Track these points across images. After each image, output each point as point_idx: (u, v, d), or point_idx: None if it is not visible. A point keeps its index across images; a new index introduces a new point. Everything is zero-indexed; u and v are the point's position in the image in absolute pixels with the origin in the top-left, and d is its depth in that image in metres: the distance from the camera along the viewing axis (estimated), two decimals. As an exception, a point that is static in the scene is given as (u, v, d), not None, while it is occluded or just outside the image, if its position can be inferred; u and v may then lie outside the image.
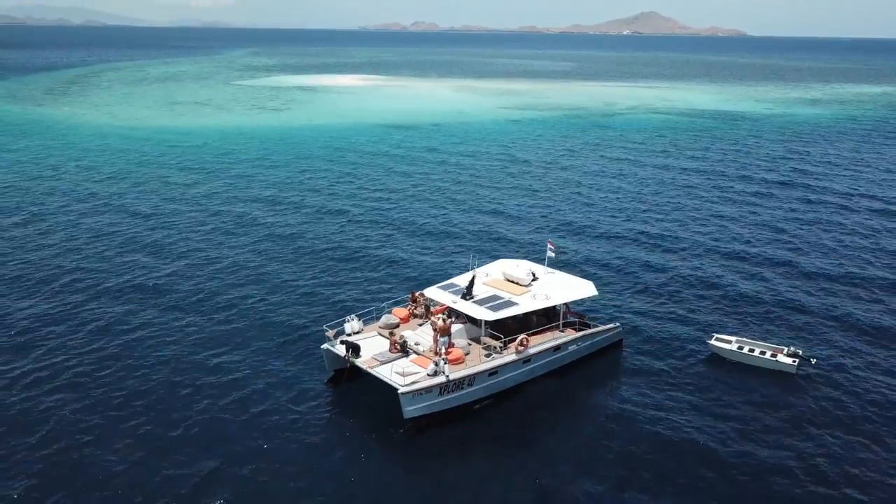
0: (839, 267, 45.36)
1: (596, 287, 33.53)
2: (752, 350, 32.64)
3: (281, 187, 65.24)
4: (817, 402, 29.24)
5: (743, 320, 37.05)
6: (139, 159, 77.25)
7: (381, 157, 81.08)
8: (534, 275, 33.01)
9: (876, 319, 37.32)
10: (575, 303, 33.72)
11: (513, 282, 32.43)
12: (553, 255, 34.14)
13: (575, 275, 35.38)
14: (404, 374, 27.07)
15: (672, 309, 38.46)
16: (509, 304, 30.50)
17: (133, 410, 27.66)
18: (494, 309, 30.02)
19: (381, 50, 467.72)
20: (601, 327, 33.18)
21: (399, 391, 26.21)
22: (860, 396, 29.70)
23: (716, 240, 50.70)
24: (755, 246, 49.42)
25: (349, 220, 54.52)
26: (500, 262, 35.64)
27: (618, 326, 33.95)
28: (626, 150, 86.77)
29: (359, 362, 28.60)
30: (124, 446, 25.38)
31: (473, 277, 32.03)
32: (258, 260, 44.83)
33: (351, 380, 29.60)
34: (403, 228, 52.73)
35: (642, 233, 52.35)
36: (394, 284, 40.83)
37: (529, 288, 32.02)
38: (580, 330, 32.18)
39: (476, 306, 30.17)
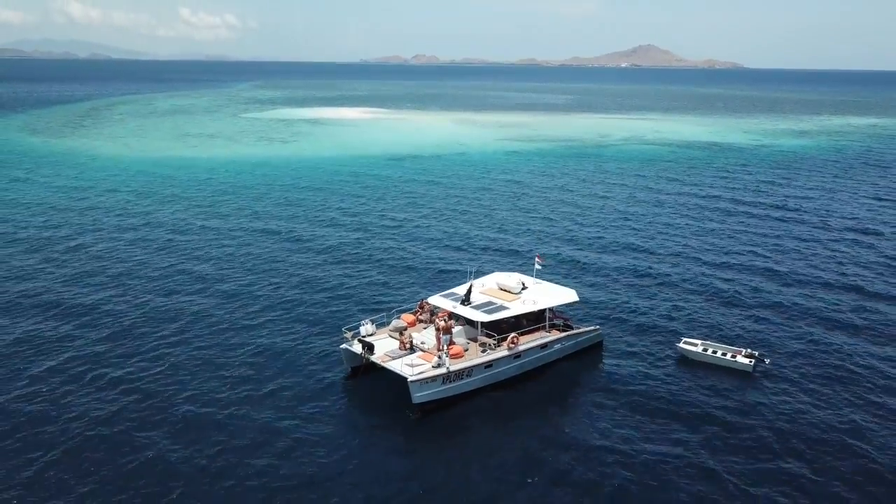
0: (798, 280, 50.14)
1: (578, 294, 38.45)
2: (714, 352, 37.36)
3: (297, 213, 70.24)
4: (768, 395, 33.86)
5: (709, 326, 41.78)
6: (160, 188, 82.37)
7: (386, 185, 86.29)
8: (523, 284, 37.92)
9: (823, 325, 42.04)
10: (560, 307, 38.54)
11: (505, 290, 37.35)
12: (540, 267, 39.10)
13: (562, 284, 40.28)
14: (413, 366, 31.86)
15: (648, 315, 43.25)
16: (501, 308, 35.39)
17: (192, 403, 32.38)
18: (489, 312, 34.91)
19: (383, 83, 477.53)
20: (583, 329, 38.02)
21: (409, 380, 30.96)
22: (805, 389, 34.36)
23: (688, 254, 55.54)
24: (723, 261, 54.25)
25: (361, 240, 59.50)
26: (495, 274, 40.56)
27: (598, 329, 38.80)
28: (616, 177, 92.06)
29: (373, 358, 33.37)
30: (175, 425, 30.07)
31: (471, 287, 36.97)
32: (282, 275, 49.65)
33: (365, 375, 34.35)
34: (409, 246, 57.74)
35: (624, 248, 57.37)
36: (402, 294, 45.65)
37: (519, 295, 36.91)
38: (564, 331, 37.02)
39: (473, 310, 35.06)
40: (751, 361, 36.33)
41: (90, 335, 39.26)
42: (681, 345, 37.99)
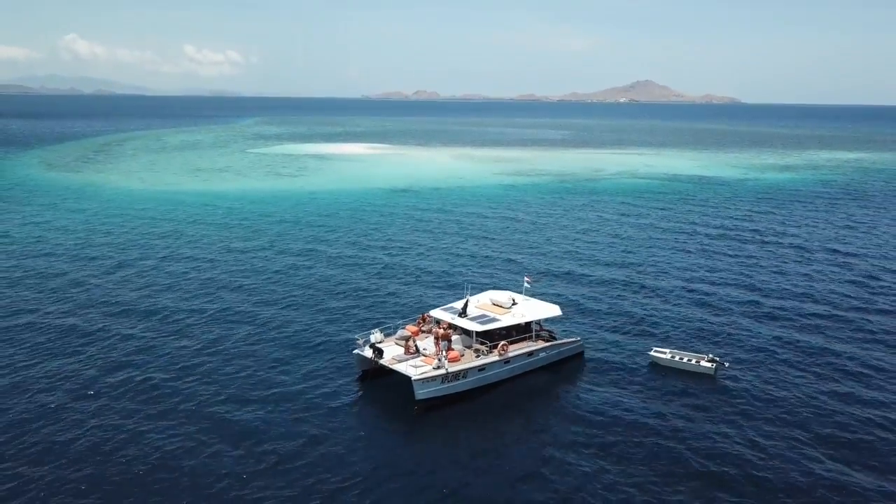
0: (760, 295, 55.40)
1: (562, 310, 43.80)
2: (681, 358, 42.52)
3: (308, 240, 75.65)
4: (728, 393, 39.00)
5: (678, 336, 46.97)
6: (178, 219, 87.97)
7: (389, 215, 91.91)
8: (514, 300, 43.28)
9: (778, 336, 47.22)
10: (546, 321, 43.82)
11: (497, 305, 42.69)
12: (529, 286, 44.51)
13: (548, 301, 45.62)
14: (416, 367, 37.07)
15: (624, 329, 48.52)
16: (494, 320, 40.70)
17: (229, 401, 37.54)
18: (482, 323, 40.22)
19: (385, 119, 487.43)
20: (566, 340, 43.26)
21: (413, 378, 36.16)
22: (759, 388, 39.51)
23: (662, 275, 60.84)
24: (692, 280, 59.54)
25: (369, 262, 65.00)
26: (489, 291, 45.92)
27: (580, 340, 44.02)
28: (604, 208, 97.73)
29: (382, 361, 38.58)
30: (207, 424, 35.21)
31: (467, 302, 42.32)
32: (300, 293, 54.94)
33: (375, 377, 39.54)
34: (412, 267, 63.19)
35: (605, 269, 62.78)
36: (406, 308, 50.90)
37: (510, 310, 42.23)
38: (549, 342, 42.27)
39: (469, 321, 40.36)
40: (713, 365, 41.48)
41: (132, 344, 44.51)
42: (652, 353, 43.17)
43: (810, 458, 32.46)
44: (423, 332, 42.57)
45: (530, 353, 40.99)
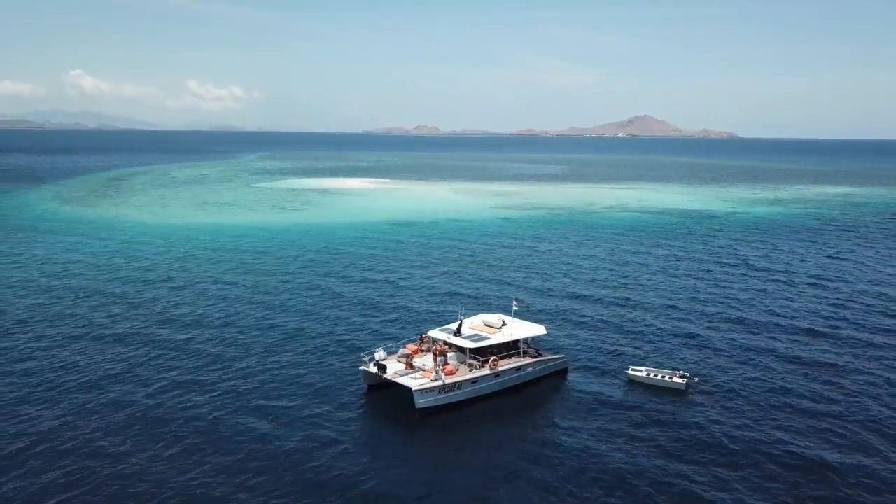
0: (730, 318, 60.02)
1: (548, 330, 48.53)
2: (655, 375, 47.03)
3: (316, 270, 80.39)
4: (697, 406, 43.48)
5: (653, 355, 51.53)
6: (192, 250, 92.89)
7: (391, 246, 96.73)
8: (503, 321, 48.02)
9: (746, 354, 51.79)
10: (533, 339, 48.49)
11: (489, 325, 47.42)
12: (517, 308, 49.32)
13: (535, 322, 50.35)
14: (416, 380, 41.66)
15: (605, 347, 53.15)
16: (485, 338, 45.39)
17: (249, 410, 42.08)
18: (475, 341, 44.90)
19: (386, 153, 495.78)
20: (551, 357, 47.89)
21: (413, 389, 40.73)
22: (726, 401, 44.02)
23: (641, 301, 65.48)
24: (672, 303, 64.21)
25: (373, 289, 69.75)
26: (482, 314, 50.66)
27: (564, 357, 48.64)
28: (594, 239, 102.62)
29: (386, 375, 43.16)
30: (231, 427, 39.73)
31: (461, 322, 47.04)
32: (310, 317, 59.63)
33: (379, 391, 44.08)
34: (412, 293, 67.96)
35: (590, 294, 67.53)
36: (407, 329, 55.51)
37: (500, 330, 46.94)
38: (535, 358, 46.89)
39: (463, 339, 45.07)
40: (683, 381, 45.99)
41: (163, 362, 49.13)
42: (629, 371, 47.72)
43: (763, 453, 36.93)
44: (423, 350, 47.16)
45: (518, 368, 45.58)
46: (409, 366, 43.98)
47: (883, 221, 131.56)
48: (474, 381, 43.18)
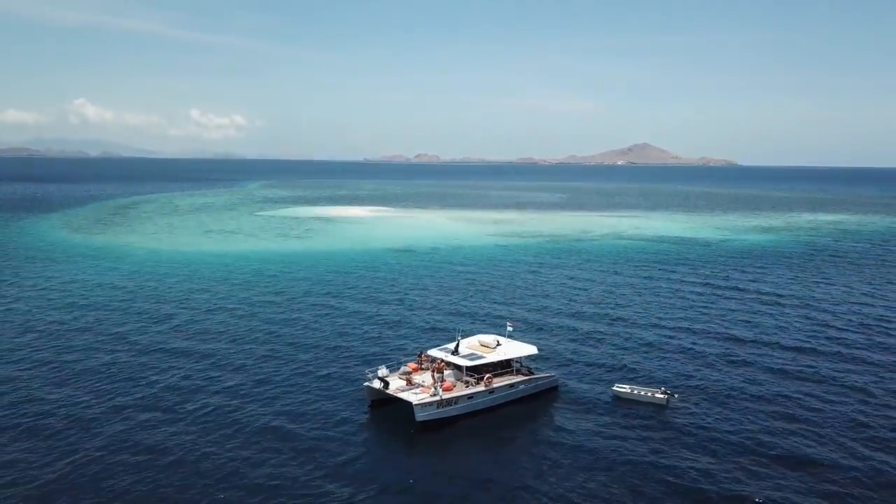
0: (712, 336, 63.52)
1: (539, 350, 52.16)
2: (638, 392, 50.48)
3: (321, 293, 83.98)
4: (676, 419, 46.94)
5: (637, 372, 55.01)
6: (201, 276, 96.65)
7: (391, 272, 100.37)
8: (498, 342, 51.66)
9: (725, 371, 55.27)
10: (525, 358, 52.06)
11: (484, 345, 51.05)
12: (511, 329, 53.01)
13: (528, 342, 53.99)
14: (416, 395, 45.18)
15: (593, 366, 56.68)
16: (481, 357, 49.00)
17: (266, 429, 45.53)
18: (471, 360, 48.50)
19: (387, 181, 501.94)
20: (542, 375, 51.44)
21: (413, 403, 44.24)
22: (702, 415, 47.49)
23: (628, 321, 69.02)
24: (655, 324, 67.75)
25: (376, 310, 73.53)
26: (478, 335, 54.29)
27: (554, 376, 52.19)
28: (586, 265, 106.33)
29: (388, 391, 46.68)
30: (245, 437, 43.16)
31: (458, 342, 50.69)
32: (318, 337, 63.21)
33: (381, 406, 47.56)
34: (413, 315, 71.63)
35: (579, 316, 71.00)
36: (408, 348, 59.02)
37: (494, 349, 50.54)
38: (528, 376, 50.43)
39: (460, 358, 48.67)
40: (665, 397, 49.47)
41: (175, 382, 52.65)
42: (614, 388, 51.23)
43: (733, 466, 40.33)
44: (422, 368, 50.71)
45: (511, 385, 49.09)
46: (410, 382, 47.50)
47: (873, 248, 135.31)
48: (470, 396, 46.68)
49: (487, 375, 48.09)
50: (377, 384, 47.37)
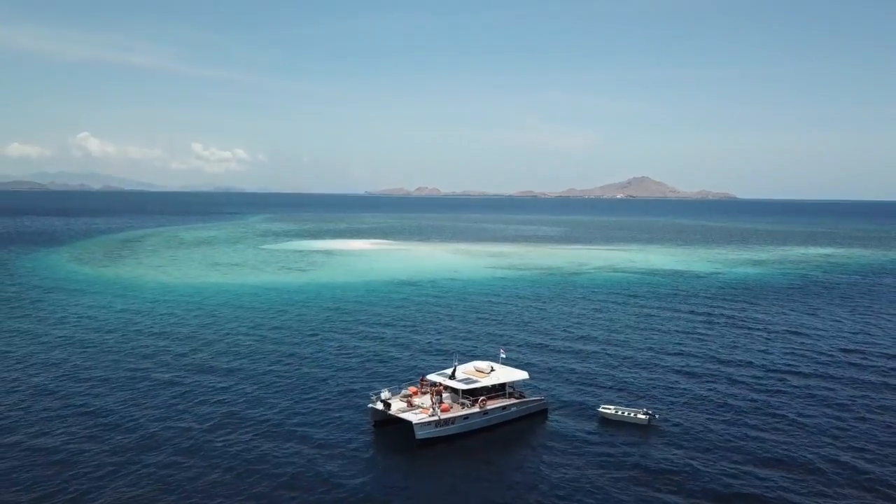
0: (692, 362, 67.64)
1: (531, 376, 56.43)
2: (622, 412, 54.56)
3: (325, 325, 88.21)
4: (656, 437, 51.00)
5: (622, 396, 59.09)
6: (211, 306, 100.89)
7: (392, 303, 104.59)
8: (492, 368, 55.96)
9: (704, 395, 59.35)
10: (517, 383, 56.25)
11: (479, 371, 55.34)
12: (504, 356, 57.33)
13: (520, 367, 58.25)
14: (416, 415, 49.33)
15: (580, 391, 60.79)
16: (476, 381, 53.25)
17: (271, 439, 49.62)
18: (467, 384, 52.73)
19: (387, 215, 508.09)
20: (533, 398, 55.58)
21: (414, 422, 48.39)
22: (680, 434, 51.56)
23: (613, 351, 73.17)
24: (640, 351, 71.89)
25: (379, 339, 77.74)
26: (473, 362, 58.55)
27: (544, 399, 56.32)
28: (579, 296, 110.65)
29: (390, 412, 50.82)
30: (255, 443, 47.24)
31: (455, 368, 54.97)
32: (325, 364, 67.36)
33: (384, 426, 51.65)
34: (413, 343, 76.04)
35: (568, 344, 75.20)
36: (409, 373, 63.09)
37: (488, 374, 54.81)
38: (519, 399, 54.59)
39: (457, 382, 52.92)
40: (646, 417, 53.55)
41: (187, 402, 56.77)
42: (600, 409, 55.32)
43: (710, 477, 44.36)
44: (422, 392, 54.87)
45: (504, 407, 53.24)
46: (410, 404, 51.69)
47: (862, 281, 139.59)
48: (466, 417, 50.81)
49: (482, 398, 52.28)
50: (380, 406, 51.50)
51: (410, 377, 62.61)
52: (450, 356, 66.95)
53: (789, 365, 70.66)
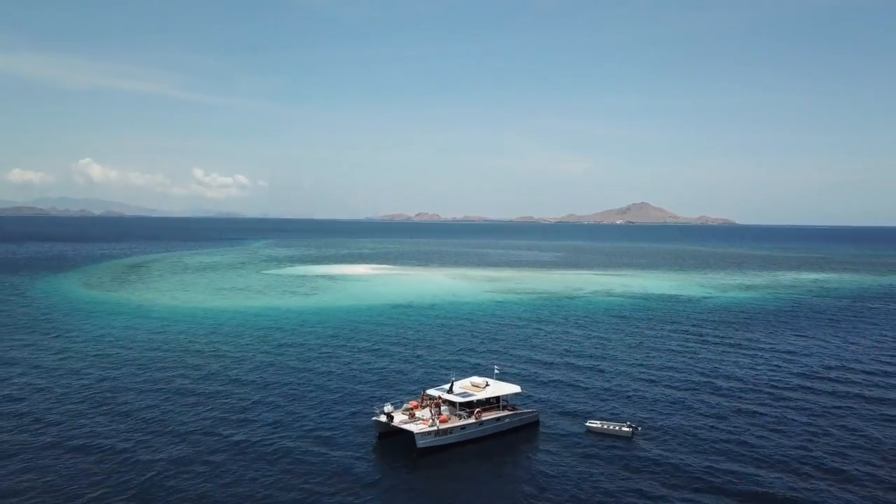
0: (676, 378, 71.82)
1: (522, 390, 60.81)
2: (608, 426, 58.77)
3: (329, 346, 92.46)
4: (640, 449, 55.18)
5: (607, 409, 63.29)
6: (219, 330, 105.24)
7: (393, 325, 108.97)
8: (487, 382, 60.34)
9: (688, 409, 63.52)
10: (511, 396, 60.55)
11: (475, 385, 59.75)
12: (498, 371, 61.74)
13: (514, 382, 62.64)
14: (417, 426, 53.61)
15: (569, 405, 65.05)
16: (472, 395, 57.61)
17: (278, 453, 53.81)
18: (463, 397, 57.10)
19: (388, 240, 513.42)
20: (526, 411, 59.88)
21: (415, 432, 52.68)
22: (662, 445, 55.74)
23: (601, 366, 77.35)
24: (627, 368, 76.08)
25: (382, 357, 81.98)
26: (470, 378, 62.93)
27: (535, 412, 60.60)
28: (573, 318, 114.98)
29: (393, 423, 55.08)
30: (260, 458, 51.46)
31: (452, 383, 59.36)
32: (332, 382, 71.60)
33: (387, 438, 55.88)
34: (413, 361, 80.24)
35: (559, 360, 79.44)
36: (410, 388, 67.32)
37: (484, 389, 59.17)
38: (512, 411, 58.87)
39: (454, 396, 57.29)
40: (630, 430, 57.75)
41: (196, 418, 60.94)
42: (587, 423, 59.56)
43: (691, 484, 48.52)
44: (423, 406, 59.13)
45: (498, 419, 57.55)
46: (412, 416, 55.96)
47: (852, 305, 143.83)
48: (463, 427, 55.09)
49: (477, 410, 56.58)
50: (384, 418, 55.76)
51: (412, 392, 66.84)
52: (448, 372, 71.22)
53: (772, 383, 74.93)
